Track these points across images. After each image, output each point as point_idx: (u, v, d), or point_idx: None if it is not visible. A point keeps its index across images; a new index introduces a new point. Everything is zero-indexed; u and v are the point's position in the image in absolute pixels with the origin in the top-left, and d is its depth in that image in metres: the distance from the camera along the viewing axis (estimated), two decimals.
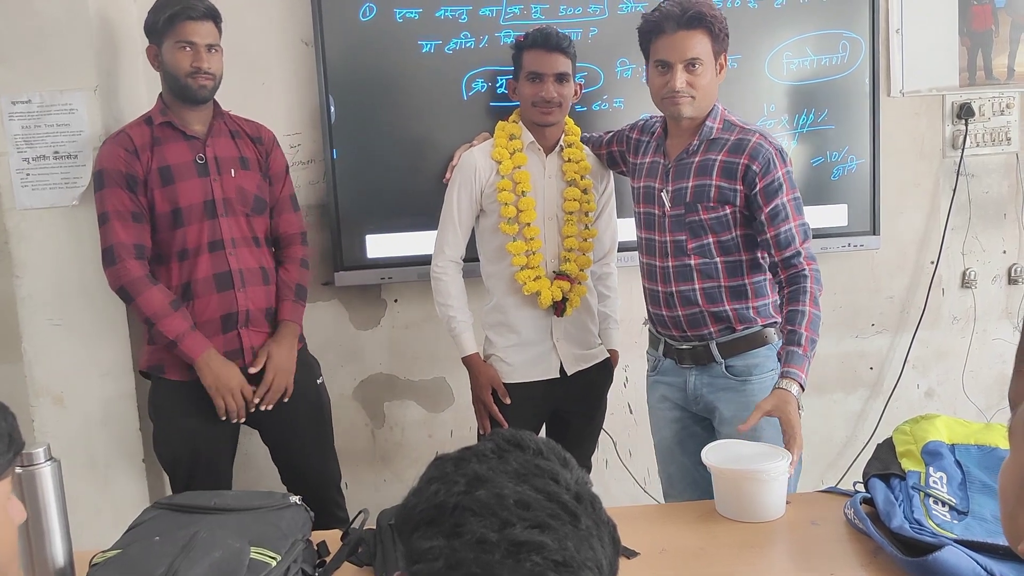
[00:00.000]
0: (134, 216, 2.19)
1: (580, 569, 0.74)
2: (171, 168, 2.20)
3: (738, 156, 1.97)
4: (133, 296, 2.17)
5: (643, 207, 2.12)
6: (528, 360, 2.31)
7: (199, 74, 2.18)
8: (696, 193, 2.00)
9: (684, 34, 1.93)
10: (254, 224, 2.30)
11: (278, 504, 1.56)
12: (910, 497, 1.53)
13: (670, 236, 2.05)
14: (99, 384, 2.43)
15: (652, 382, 2.22)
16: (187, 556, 1.34)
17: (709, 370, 2.06)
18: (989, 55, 2.90)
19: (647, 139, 2.18)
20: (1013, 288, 3.05)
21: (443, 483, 0.78)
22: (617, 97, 2.69)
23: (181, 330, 2.17)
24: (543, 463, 0.81)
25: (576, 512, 0.77)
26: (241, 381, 2.21)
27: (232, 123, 2.32)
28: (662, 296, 2.09)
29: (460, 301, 2.31)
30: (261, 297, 2.29)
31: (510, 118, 2.33)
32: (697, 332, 2.06)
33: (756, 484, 1.62)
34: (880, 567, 1.42)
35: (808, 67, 2.76)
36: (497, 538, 0.73)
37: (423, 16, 2.59)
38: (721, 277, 2.03)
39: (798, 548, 1.55)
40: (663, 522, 1.65)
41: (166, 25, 2.17)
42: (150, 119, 2.24)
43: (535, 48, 2.20)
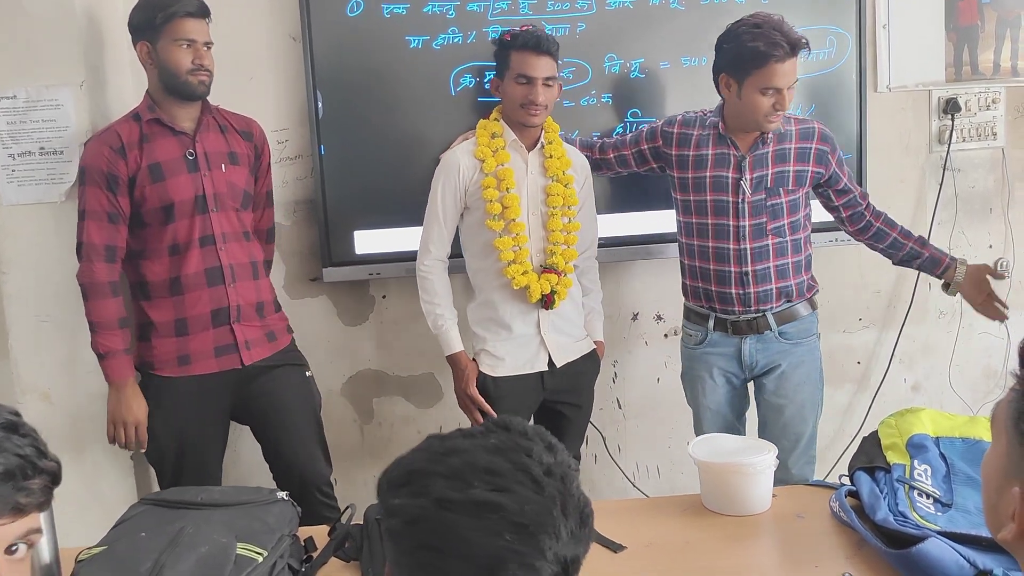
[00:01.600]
0: (110, 217, 2.18)
1: (538, 533, 0.79)
2: (161, 165, 2.19)
3: (809, 142, 2.29)
4: (88, 297, 2.19)
5: (712, 195, 2.29)
6: (517, 354, 2.33)
7: (200, 71, 2.17)
8: (777, 179, 2.27)
9: (792, 62, 2.18)
10: (243, 218, 2.31)
11: (265, 499, 1.56)
12: (895, 490, 1.54)
13: (750, 220, 2.26)
14: (86, 381, 2.41)
15: (700, 354, 2.40)
16: (173, 552, 1.34)
17: (763, 337, 2.32)
18: (975, 50, 2.91)
19: (696, 132, 2.32)
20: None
21: (424, 452, 0.85)
22: (605, 93, 2.69)
23: (114, 348, 2.19)
24: (523, 442, 0.86)
25: (541, 481, 0.82)
26: (140, 420, 2.21)
27: (221, 118, 2.32)
28: (735, 276, 2.29)
29: (446, 299, 2.34)
30: (251, 291, 2.30)
31: (491, 116, 2.34)
32: (761, 306, 2.31)
33: (742, 478, 1.63)
34: (864, 559, 1.44)
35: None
36: (458, 497, 0.78)
37: (411, 12, 2.58)
38: (790, 253, 2.31)
39: (783, 541, 1.56)
40: (649, 516, 1.66)
41: (163, 22, 2.15)
42: (138, 116, 2.23)
43: (525, 50, 2.21)
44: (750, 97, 2.19)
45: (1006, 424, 0.88)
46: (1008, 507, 0.86)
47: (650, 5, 2.65)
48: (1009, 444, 0.87)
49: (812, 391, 2.38)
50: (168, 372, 2.25)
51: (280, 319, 2.39)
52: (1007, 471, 0.87)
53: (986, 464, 0.94)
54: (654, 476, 3.02)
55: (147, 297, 2.26)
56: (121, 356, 2.20)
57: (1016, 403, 0.86)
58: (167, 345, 2.24)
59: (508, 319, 2.32)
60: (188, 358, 2.24)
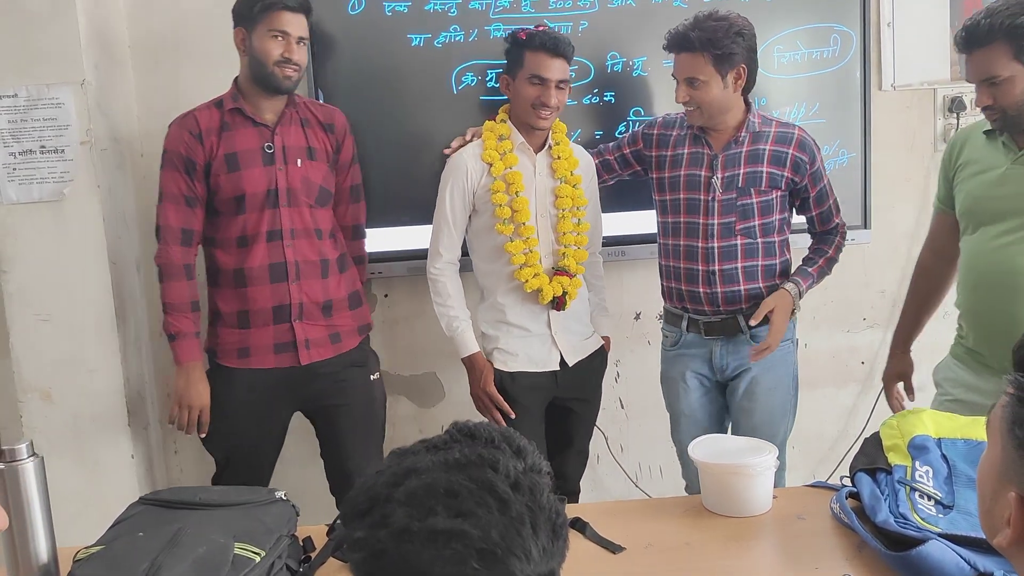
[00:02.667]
0: (187, 200, 2.21)
1: (506, 556, 0.75)
2: (237, 155, 2.20)
3: (786, 146, 2.26)
4: (162, 279, 2.23)
5: (685, 193, 2.29)
6: (529, 354, 2.34)
7: (287, 65, 2.17)
8: (749, 179, 2.25)
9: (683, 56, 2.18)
10: (316, 215, 2.29)
11: (263, 500, 1.55)
12: (896, 491, 1.52)
13: (719, 219, 2.25)
14: (87, 380, 2.42)
15: (674, 355, 2.40)
16: (171, 552, 1.34)
17: (735, 339, 2.31)
18: None
19: (674, 132, 2.34)
20: None
21: (383, 475, 0.80)
22: (608, 91, 2.68)
23: (184, 330, 2.22)
24: (488, 452, 0.81)
25: (507, 499, 0.77)
26: (204, 404, 2.23)
27: (304, 110, 2.31)
28: (702, 274, 2.28)
29: (459, 301, 2.33)
30: (317, 290, 2.28)
31: (497, 117, 2.33)
32: (730, 308, 2.29)
33: (743, 479, 1.62)
34: (865, 561, 1.42)
35: (799, 61, 2.75)
36: (419, 527, 0.74)
37: (412, 9, 2.57)
38: (760, 256, 2.28)
39: (784, 542, 1.55)
40: (649, 517, 1.65)
41: (261, 12, 2.16)
42: (220, 103, 2.24)
43: (543, 51, 2.19)
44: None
45: (1001, 429, 0.87)
46: (1003, 512, 0.85)
47: (653, 3, 2.64)
48: (1004, 449, 0.86)
49: (784, 397, 2.35)
50: (229, 362, 2.27)
51: (352, 319, 2.36)
52: (1002, 476, 0.86)
53: (982, 468, 0.93)
54: (656, 476, 3.01)
55: (216, 285, 2.28)
56: (190, 338, 2.23)
57: (1011, 408, 0.86)
58: (230, 335, 2.26)
59: (519, 321, 2.32)
60: (248, 351, 2.26)
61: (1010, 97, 1.86)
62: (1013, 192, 1.95)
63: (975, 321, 2.07)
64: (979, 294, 2.03)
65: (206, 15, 2.59)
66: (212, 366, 2.31)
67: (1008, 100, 1.86)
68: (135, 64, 2.60)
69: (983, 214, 2.00)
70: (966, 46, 1.89)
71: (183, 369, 2.23)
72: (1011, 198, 1.95)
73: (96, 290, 2.40)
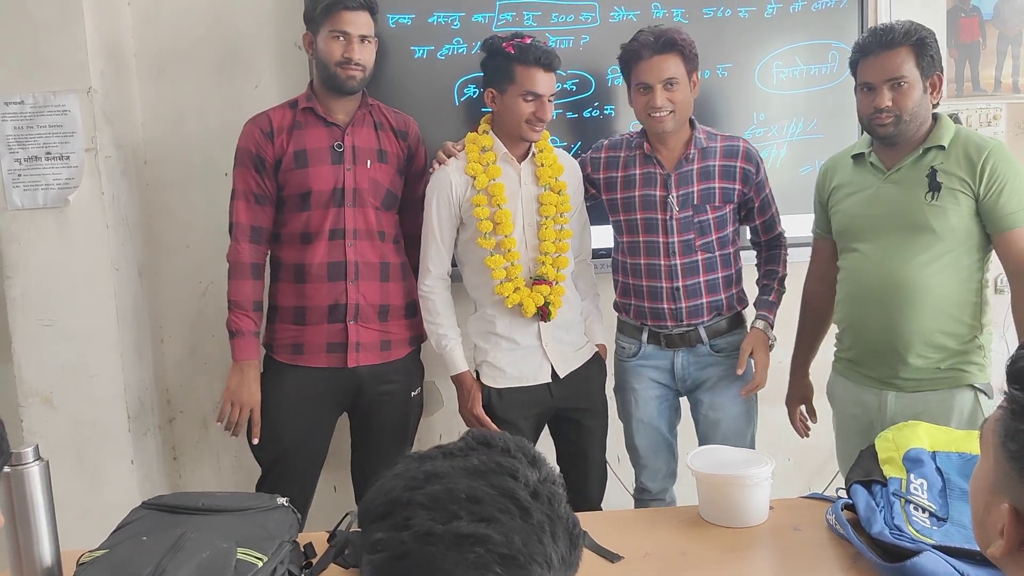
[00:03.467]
0: (257, 198, 2.24)
1: (528, 563, 0.76)
2: (307, 152, 2.23)
3: (734, 160, 2.30)
4: (230, 276, 2.26)
5: (641, 213, 2.31)
6: (520, 365, 2.33)
7: (349, 65, 2.20)
8: (703, 196, 2.29)
9: (661, 58, 2.19)
10: (382, 218, 2.31)
11: (266, 506, 1.56)
12: (891, 503, 1.54)
13: (678, 237, 2.29)
14: (88, 385, 2.44)
15: (633, 366, 2.42)
16: (174, 556, 1.35)
17: (695, 350, 2.35)
18: (976, 67, 2.94)
19: (622, 153, 2.37)
20: (1000, 297, 3.07)
21: (402, 478, 0.80)
22: (608, 104, 2.71)
23: (244, 329, 2.24)
24: (506, 460, 0.83)
25: (528, 507, 0.79)
26: (255, 404, 2.25)
27: (379, 114, 2.34)
28: (667, 291, 2.31)
29: (449, 319, 2.33)
30: (375, 292, 2.29)
31: (479, 128, 2.32)
32: (693, 321, 2.32)
33: (739, 489, 1.63)
34: (860, 572, 1.44)
35: (798, 77, 2.78)
36: (442, 531, 0.75)
37: (416, 22, 2.60)
38: (719, 268, 2.33)
39: (780, 553, 1.56)
40: (647, 527, 1.66)
41: (323, 14, 2.19)
42: (295, 103, 2.28)
43: (536, 67, 2.18)
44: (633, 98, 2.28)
45: (994, 442, 0.89)
46: (996, 523, 0.87)
47: (653, 18, 2.67)
48: (996, 461, 0.88)
49: (746, 403, 2.39)
50: (283, 358, 2.29)
51: (406, 328, 2.37)
52: (994, 488, 0.88)
53: (975, 480, 0.94)
54: None
55: (276, 280, 2.31)
56: (249, 337, 2.25)
57: (1004, 421, 0.87)
58: (286, 331, 2.29)
59: (508, 332, 2.32)
60: (301, 347, 2.28)
61: (908, 101, 2.00)
62: (886, 210, 2.06)
63: (857, 335, 2.14)
64: (860, 309, 2.11)
65: (210, 25, 2.63)
66: (267, 360, 2.33)
67: (905, 103, 2.00)
68: (139, 73, 2.63)
69: (859, 232, 2.10)
70: (877, 46, 2.02)
71: (238, 367, 2.25)
72: (884, 216, 2.06)
73: (98, 296, 2.42)
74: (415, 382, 2.41)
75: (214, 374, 2.78)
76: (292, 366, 2.27)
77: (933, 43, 2.03)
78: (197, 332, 2.76)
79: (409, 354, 2.38)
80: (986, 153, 1.98)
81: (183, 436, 2.82)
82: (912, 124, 2.03)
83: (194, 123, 2.66)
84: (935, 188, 2.00)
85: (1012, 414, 0.87)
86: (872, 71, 2.04)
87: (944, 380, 2.06)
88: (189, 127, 2.66)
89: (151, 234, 2.68)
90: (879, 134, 2.06)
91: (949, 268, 2.02)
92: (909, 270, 2.02)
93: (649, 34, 2.21)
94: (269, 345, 2.32)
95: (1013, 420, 0.86)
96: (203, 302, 2.75)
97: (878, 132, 2.06)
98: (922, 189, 2.01)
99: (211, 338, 2.76)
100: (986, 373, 2.09)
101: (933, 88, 2.05)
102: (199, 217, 2.70)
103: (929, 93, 2.04)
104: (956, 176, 1.99)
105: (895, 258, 2.04)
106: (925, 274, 2.02)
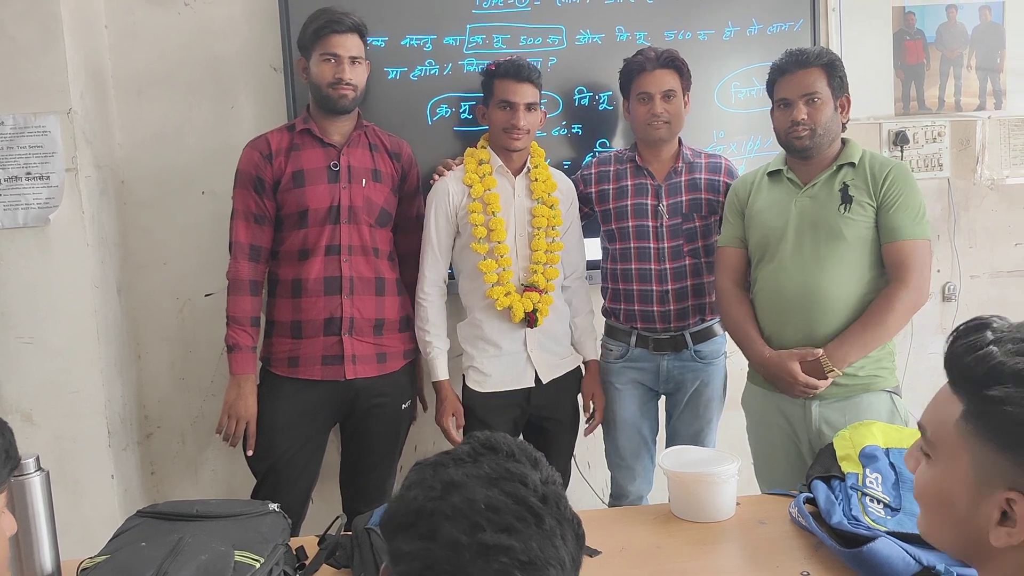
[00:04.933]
0: (256, 218, 2.31)
1: (545, 567, 0.81)
2: (304, 172, 2.30)
3: (718, 174, 2.50)
4: (229, 292, 2.32)
5: (634, 221, 2.48)
6: (505, 370, 2.42)
7: (340, 85, 2.27)
8: (691, 205, 2.47)
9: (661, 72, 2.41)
10: (376, 235, 2.38)
11: (258, 511, 1.63)
12: (848, 496, 1.66)
13: (668, 243, 2.46)
14: (69, 401, 2.46)
15: (618, 367, 2.54)
16: (175, 559, 1.41)
17: (680, 355, 2.49)
18: (921, 86, 3.09)
19: (612, 167, 2.54)
20: (947, 305, 3.23)
21: (421, 488, 0.86)
22: (575, 123, 2.82)
23: (241, 344, 2.30)
24: (513, 466, 0.88)
25: (541, 514, 0.84)
26: (251, 417, 2.30)
27: (373, 136, 2.41)
28: (656, 294, 2.46)
29: (439, 328, 2.42)
30: (370, 307, 2.36)
31: (478, 144, 2.45)
32: (679, 324, 2.47)
33: (708, 486, 1.73)
34: (821, 559, 1.55)
35: (755, 96, 2.90)
36: (468, 541, 0.80)
37: (389, 44, 2.68)
38: (704, 275, 2.49)
39: (747, 545, 1.66)
40: (622, 523, 1.76)
41: (313, 38, 2.27)
42: (292, 126, 2.36)
43: (507, 78, 2.34)
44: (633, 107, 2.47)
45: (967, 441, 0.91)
46: (991, 515, 0.89)
47: (617, 41, 2.79)
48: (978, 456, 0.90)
49: (717, 408, 2.55)
50: (280, 371, 2.34)
51: (400, 342, 2.43)
52: (981, 483, 0.89)
53: (937, 485, 0.95)
54: None
55: (273, 295, 2.36)
56: (247, 352, 2.31)
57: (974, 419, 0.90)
58: (283, 344, 2.34)
59: (496, 337, 2.41)
60: (297, 360, 2.33)
61: (821, 116, 2.17)
62: (803, 221, 2.19)
63: (776, 342, 2.23)
64: (778, 315, 2.23)
65: (187, 47, 2.68)
66: (263, 374, 2.38)
67: (819, 118, 2.17)
68: (117, 94, 2.67)
69: (777, 243, 2.22)
70: (793, 65, 2.20)
71: (235, 380, 2.30)
72: (801, 228, 2.19)
73: (79, 313, 2.45)
74: (406, 395, 2.47)
75: (191, 390, 2.82)
76: (289, 379, 2.33)
77: (841, 67, 2.22)
78: (174, 348, 2.79)
79: (403, 367, 2.45)
80: (888, 171, 2.15)
81: (160, 451, 2.84)
82: (825, 139, 2.19)
83: (171, 143, 2.70)
84: (847, 201, 2.16)
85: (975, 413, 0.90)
86: (789, 88, 2.20)
87: (862, 386, 2.16)
88: (166, 147, 2.70)
89: (129, 252, 2.72)
90: (795, 147, 2.21)
91: (861, 276, 2.15)
92: (826, 278, 2.14)
93: (651, 50, 2.44)
94: (267, 359, 2.37)
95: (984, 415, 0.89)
96: (180, 318, 2.79)
97: (795, 145, 2.20)
98: (835, 202, 2.16)
99: (188, 354, 2.80)
100: (895, 376, 2.22)
101: (842, 108, 2.22)
102: (176, 235, 2.74)
103: (839, 112, 2.21)
104: (864, 190, 2.15)
105: (812, 266, 2.16)
106: (841, 282, 2.14)
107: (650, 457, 2.57)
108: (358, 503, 2.41)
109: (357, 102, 2.34)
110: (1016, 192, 3.21)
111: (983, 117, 3.14)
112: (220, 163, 2.68)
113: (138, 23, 2.66)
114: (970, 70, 3.11)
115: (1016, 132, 3.17)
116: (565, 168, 2.75)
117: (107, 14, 2.64)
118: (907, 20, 3.06)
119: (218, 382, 2.77)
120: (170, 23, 2.67)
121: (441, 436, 2.50)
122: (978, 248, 3.22)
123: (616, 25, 2.80)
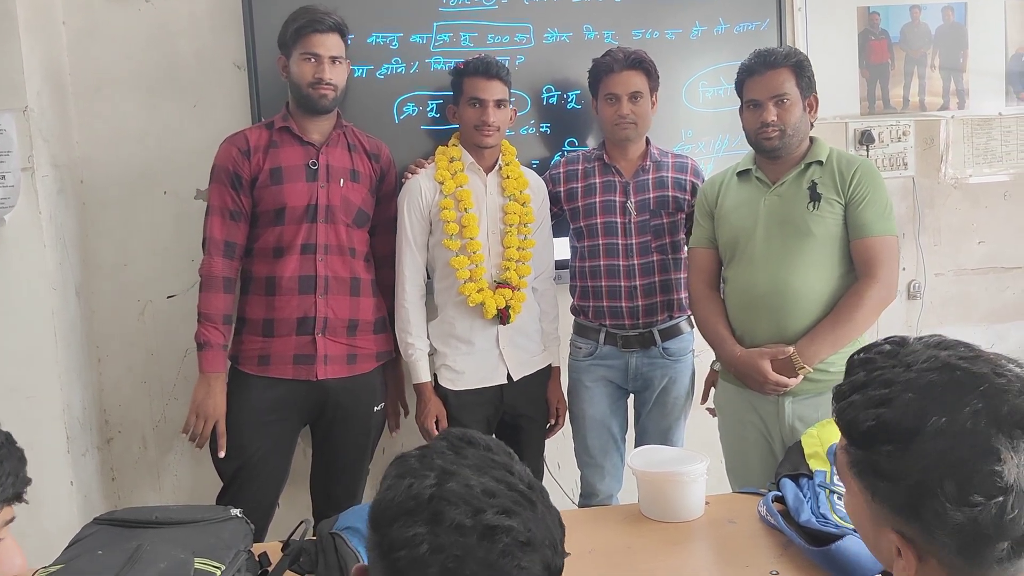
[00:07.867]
0: (232, 214, 2.27)
1: (541, 547, 0.86)
2: (282, 169, 2.27)
3: (684, 174, 2.53)
4: (201, 288, 2.28)
5: (602, 218, 2.49)
6: (477, 368, 2.41)
7: (320, 84, 2.25)
8: (659, 202, 2.49)
9: (628, 73, 2.42)
10: (353, 235, 2.35)
11: (219, 517, 1.59)
12: (817, 494, 1.66)
13: (636, 239, 2.47)
14: (25, 407, 2.40)
15: (587, 365, 2.54)
16: (132, 568, 1.37)
17: (648, 352, 2.50)
18: (886, 86, 3.12)
19: (580, 166, 2.55)
20: (912, 303, 3.27)
21: (414, 477, 0.88)
22: (544, 122, 2.81)
23: (212, 341, 2.26)
24: (497, 457, 0.92)
25: (532, 499, 0.88)
26: (220, 416, 2.26)
27: (352, 136, 2.39)
28: (624, 290, 2.47)
29: (419, 330, 2.41)
30: (344, 307, 2.33)
31: (450, 142, 2.44)
32: (648, 320, 2.48)
33: (677, 486, 1.72)
34: (790, 558, 1.54)
35: (722, 95, 2.92)
36: (472, 523, 0.83)
37: (355, 42, 2.64)
38: (672, 271, 2.51)
39: (717, 544, 1.65)
40: (591, 524, 1.74)
41: (294, 37, 2.25)
42: (271, 124, 2.32)
43: (476, 76, 2.34)
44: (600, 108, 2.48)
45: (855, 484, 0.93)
46: (889, 547, 0.90)
47: (585, 39, 2.78)
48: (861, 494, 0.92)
49: (685, 401, 2.57)
50: (249, 369, 2.30)
51: (373, 343, 2.40)
52: (875, 520, 0.91)
53: (851, 508, 0.98)
54: None
55: (246, 292, 2.32)
56: (217, 350, 2.26)
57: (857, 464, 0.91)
58: (253, 342, 2.30)
59: (468, 335, 2.40)
60: (268, 359, 2.29)
61: (791, 116, 2.18)
62: (771, 221, 2.21)
63: (747, 340, 2.24)
64: (749, 314, 2.24)
65: (147, 45, 2.63)
66: (232, 372, 2.34)
67: (788, 118, 2.18)
68: (75, 92, 2.61)
69: (747, 243, 2.24)
70: (762, 67, 2.21)
71: (205, 379, 2.26)
72: (770, 227, 2.21)
73: (36, 316, 2.39)
74: (378, 397, 2.44)
75: (152, 394, 2.76)
76: (258, 377, 2.29)
77: (809, 67, 2.23)
78: (135, 351, 2.74)
79: (375, 369, 2.42)
80: (854, 168, 2.17)
81: (121, 456, 2.78)
82: (794, 139, 2.20)
83: (131, 142, 2.65)
84: (816, 199, 2.17)
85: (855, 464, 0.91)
86: (758, 89, 2.20)
87: (834, 382, 2.15)
88: (126, 146, 2.64)
89: (88, 253, 2.66)
90: (765, 147, 2.21)
91: (830, 273, 2.16)
92: (795, 276, 2.15)
93: (620, 52, 2.45)
94: (235, 357, 2.33)
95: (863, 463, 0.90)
96: (141, 321, 2.73)
97: (764, 145, 2.21)
98: (804, 200, 2.17)
99: (150, 357, 2.74)
100: None
101: (811, 108, 2.24)
102: (136, 236, 2.68)
103: (808, 112, 2.23)
104: (832, 187, 2.16)
105: (783, 263, 2.17)
106: (811, 279, 2.15)
107: (619, 455, 2.57)
108: (328, 507, 2.38)
109: (337, 102, 2.32)
110: (979, 190, 3.25)
111: (947, 116, 3.18)
112: (182, 162, 2.65)
113: (97, 20, 2.60)
114: (934, 70, 3.14)
115: (979, 131, 3.21)
116: (534, 167, 2.74)
117: (65, 11, 2.58)
118: (872, 20, 3.09)
119: (181, 386, 2.73)
120: (130, 20, 2.61)
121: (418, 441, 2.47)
122: (943, 246, 3.26)
123: (584, 24, 2.79)
